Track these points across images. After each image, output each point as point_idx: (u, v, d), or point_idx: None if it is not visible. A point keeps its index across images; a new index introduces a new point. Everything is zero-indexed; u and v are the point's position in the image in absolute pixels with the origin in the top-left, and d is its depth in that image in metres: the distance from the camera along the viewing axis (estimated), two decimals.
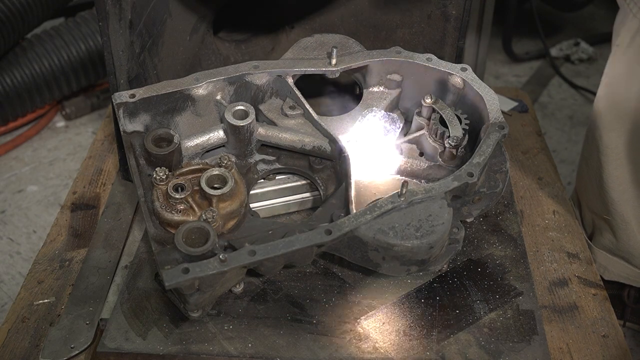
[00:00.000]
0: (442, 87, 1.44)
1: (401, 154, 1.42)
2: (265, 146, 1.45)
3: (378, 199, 1.25)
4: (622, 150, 1.49)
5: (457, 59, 1.66)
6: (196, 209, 1.27)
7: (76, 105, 2.57)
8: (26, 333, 1.30)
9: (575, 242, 1.52)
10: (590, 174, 1.59)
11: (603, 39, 3.15)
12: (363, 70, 1.49)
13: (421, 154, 1.43)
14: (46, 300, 1.36)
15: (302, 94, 1.42)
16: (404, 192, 1.22)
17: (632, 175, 1.49)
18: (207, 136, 1.42)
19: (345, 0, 1.80)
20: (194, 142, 1.41)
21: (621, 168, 1.50)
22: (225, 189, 1.27)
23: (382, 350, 1.22)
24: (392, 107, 1.52)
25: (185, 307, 1.23)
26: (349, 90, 1.68)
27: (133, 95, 1.34)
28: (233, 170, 1.32)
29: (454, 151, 1.36)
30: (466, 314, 1.29)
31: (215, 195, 1.26)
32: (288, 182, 1.47)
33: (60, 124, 2.58)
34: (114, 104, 1.34)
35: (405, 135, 1.48)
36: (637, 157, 1.48)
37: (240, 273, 1.22)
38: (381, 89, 1.50)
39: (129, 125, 1.36)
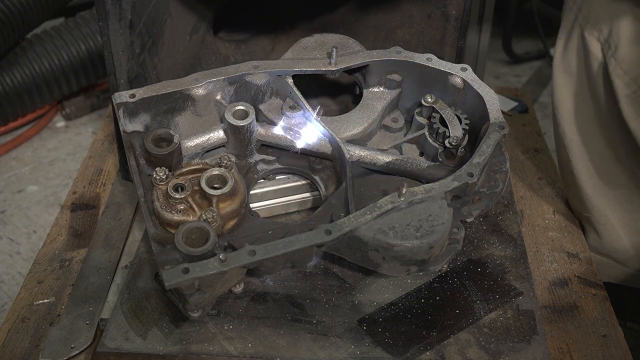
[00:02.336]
0: (442, 87, 1.44)
1: (401, 154, 1.42)
2: (265, 146, 1.45)
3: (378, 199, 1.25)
4: (583, 142, 1.48)
5: (457, 59, 1.66)
6: (196, 209, 1.27)
7: (76, 105, 2.57)
8: (26, 333, 1.30)
9: (575, 242, 1.52)
10: (565, 172, 1.58)
11: None
12: (363, 70, 1.49)
13: (421, 154, 1.43)
14: (46, 300, 1.36)
15: (302, 94, 1.42)
16: (404, 192, 1.22)
17: (599, 167, 1.48)
18: (207, 136, 1.42)
19: (345, 0, 1.80)
20: (194, 142, 1.41)
21: (588, 161, 1.49)
22: (225, 189, 1.27)
23: (381, 350, 1.22)
24: (392, 107, 1.52)
25: (185, 307, 1.23)
26: (349, 90, 1.68)
27: (133, 95, 1.34)
28: (233, 170, 1.32)
29: (454, 151, 1.36)
30: (466, 314, 1.29)
31: (215, 195, 1.26)
32: (288, 182, 1.47)
33: (60, 124, 2.58)
34: (114, 104, 1.34)
35: (405, 135, 1.48)
36: (597, 149, 1.46)
37: (240, 273, 1.22)
38: (381, 89, 1.50)
39: (129, 125, 1.36)
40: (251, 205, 1.44)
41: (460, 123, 1.39)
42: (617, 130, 1.40)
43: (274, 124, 1.43)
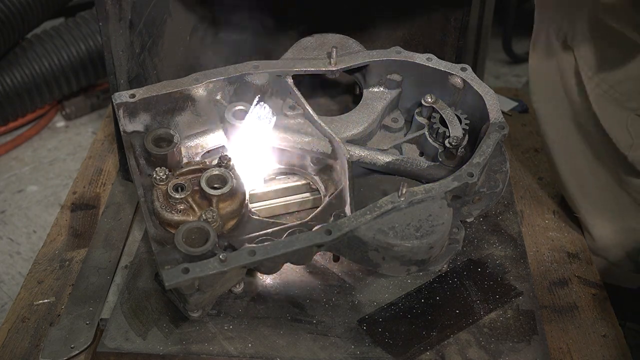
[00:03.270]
0: (442, 87, 1.44)
1: (401, 154, 1.42)
2: None
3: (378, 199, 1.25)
4: (565, 143, 1.49)
5: (457, 59, 1.66)
6: (196, 209, 1.27)
7: (76, 105, 2.56)
8: (26, 333, 1.30)
9: (575, 242, 1.52)
10: (554, 174, 1.59)
11: None
12: (363, 70, 1.49)
13: (421, 154, 1.43)
14: (46, 300, 1.36)
15: (302, 94, 1.42)
16: (404, 192, 1.22)
17: (582, 169, 1.48)
18: (207, 136, 1.42)
19: (345, 0, 1.80)
20: (194, 142, 1.41)
21: (570, 163, 1.50)
22: (225, 189, 1.27)
23: (381, 350, 1.22)
24: (392, 107, 1.52)
25: (185, 307, 1.23)
26: (349, 90, 1.68)
27: (133, 95, 1.34)
28: (233, 170, 1.32)
29: (454, 151, 1.36)
30: (466, 314, 1.29)
31: (215, 195, 1.26)
32: (288, 182, 1.47)
33: (60, 124, 2.58)
34: (114, 104, 1.34)
35: (405, 135, 1.48)
36: (577, 150, 1.47)
37: (240, 273, 1.22)
38: (381, 89, 1.50)
39: (129, 125, 1.36)
40: (251, 205, 1.44)
41: (460, 123, 1.39)
42: (595, 132, 1.41)
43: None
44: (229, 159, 1.33)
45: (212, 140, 1.43)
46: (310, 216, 1.33)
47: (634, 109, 1.34)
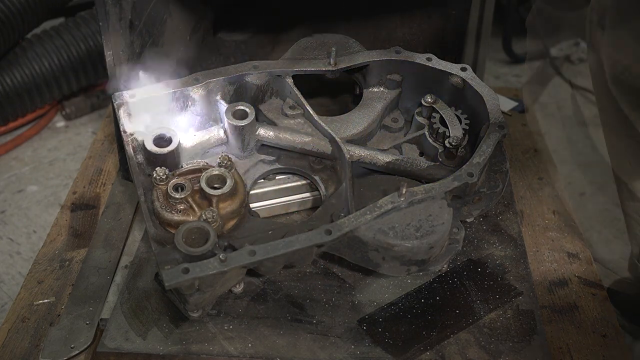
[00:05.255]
0: (442, 87, 1.44)
1: (401, 154, 1.42)
2: (265, 146, 1.45)
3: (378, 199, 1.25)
4: (563, 166, 1.50)
5: (457, 59, 1.66)
6: (196, 209, 1.27)
7: (76, 105, 2.56)
8: (26, 333, 1.30)
9: (575, 242, 1.52)
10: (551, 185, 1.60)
11: None
12: (363, 70, 1.49)
13: (421, 154, 1.43)
14: (46, 300, 1.36)
15: (302, 94, 1.42)
16: (404, 192, 1.22)
17: (575, 188, 1.50)
18: (207, 136, 1.42)
19: (346, 0, 1.80)
20: (194, 142, 1.41)
21: (563, 182, 1.51)
22: (225, 189, 1.27)
23: (381, 350, 1.22)
24: (392, 107, 1.52)
25: (185, 307, 1.23)
26: (349, 90, 1.68)
27: (133, 95, 1.34)
28: (233, 170, 1.32)
29: (454, 151, 1.36)
30: (466, 314, 1.29)
31: (215, 195, 1.26)
32: (288, 182, 1.47)
33: (60, 124, 2.58)
34: (114, 104, 1.34)
35: (405, 135, 1.48)
36: (577, 172, 1.49)
37: (240, 273, 1.22)
38: (381, 89, 1.50)
39: (129, 125, 1.36)
40: (251, 205, 1.44)
41: (460, 123, 1.39)
42: (593, 158, 1.41)
43: (274, 124, 1.43)
44: (229, 159, 1.33)
45: (212, 140, 1.42)
46: (311, 216, 1.33)
47: (635, 136, 1.34)
